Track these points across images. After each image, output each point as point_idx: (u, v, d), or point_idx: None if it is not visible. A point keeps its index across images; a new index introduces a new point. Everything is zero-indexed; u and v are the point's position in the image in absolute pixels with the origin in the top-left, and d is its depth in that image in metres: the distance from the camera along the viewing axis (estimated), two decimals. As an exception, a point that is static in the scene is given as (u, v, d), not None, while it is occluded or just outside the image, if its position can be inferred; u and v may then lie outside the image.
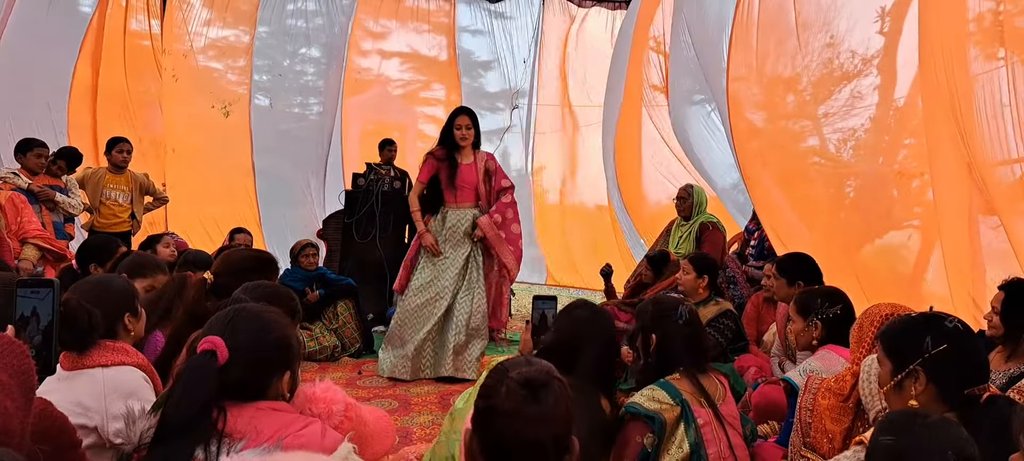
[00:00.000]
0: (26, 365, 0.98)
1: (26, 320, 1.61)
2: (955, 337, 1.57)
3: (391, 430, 1.98)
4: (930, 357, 1.56)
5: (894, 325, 1.72)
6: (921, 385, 1.56)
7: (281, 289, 2.06)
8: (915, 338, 1.59)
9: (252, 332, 1.44)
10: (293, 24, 7.62)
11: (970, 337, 1.61)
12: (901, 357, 1.61)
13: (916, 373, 1.57)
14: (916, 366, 1.57)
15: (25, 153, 4.65)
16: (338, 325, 4.88)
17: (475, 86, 8.44)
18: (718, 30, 4.59)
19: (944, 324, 1.60)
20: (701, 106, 5.60)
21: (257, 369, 1.42)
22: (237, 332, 1.42)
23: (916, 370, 1.57)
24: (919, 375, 1.57)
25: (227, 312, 1.49)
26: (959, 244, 3.20)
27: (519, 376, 1.24)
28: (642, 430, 1.85)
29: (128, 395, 1.72)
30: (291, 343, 1.51)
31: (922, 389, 1.56)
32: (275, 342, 1.47)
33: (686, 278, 3.63)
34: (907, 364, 1.59)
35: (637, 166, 6.77)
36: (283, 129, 7.70)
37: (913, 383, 1.58)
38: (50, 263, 4.15)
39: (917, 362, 1.57)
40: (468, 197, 4.31)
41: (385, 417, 1.99)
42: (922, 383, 1.56)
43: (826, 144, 4.03)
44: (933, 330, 1.59)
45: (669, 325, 2.05)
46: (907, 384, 1.59)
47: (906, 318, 1.73)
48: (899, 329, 1.68)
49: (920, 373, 1.57)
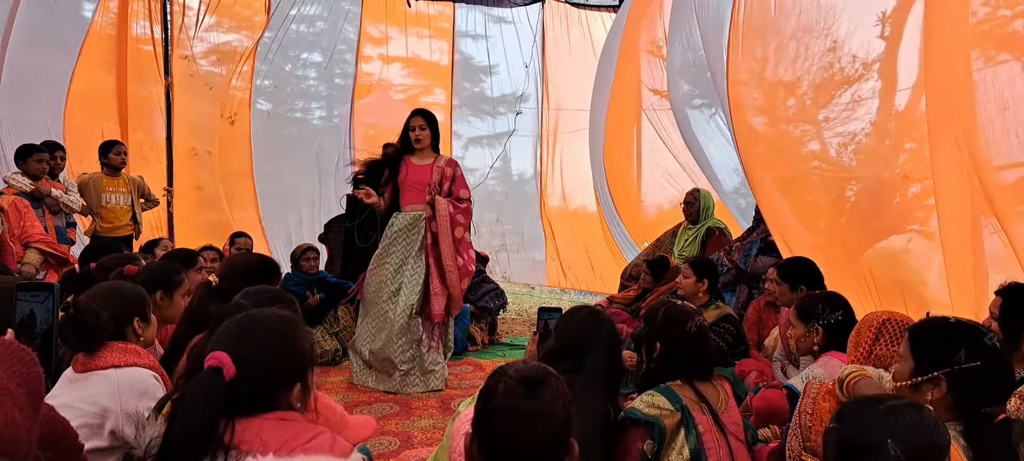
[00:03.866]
0: (35, 373, 0.98)
1: (26, 324, 1.62)
2: (990, 356, 1.53)
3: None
4: (959, 370, 1.51)
5: (928, 326, 1.67)
6: (940, 393, 1.53)
7: (283, 294, 2.07)
8: (948, 346, 1.55)
9: (263, 346, 1.41)
10: (296, 29, 7.65)
11: (1003, 357, 1.57)
12: (927, 360, 1.57)
13: (938, 381, 1.53)
14: (940, 373, 1.53)
15: (26, 159, 4.67)
16: (339, 329, 4.89)
17: (477, 91, 8.45)
18: (718, 32, 4.60)
19: (982, 340, 1.55)
20: (700, 111, 5.60)
21: (267, 382, 1.39)
22: (248, 345, 1.39)
23: (939, 377, 1.53)
24: (941, 383, 1.53)
25: (238, 322, 1.45)
26: (961, 249, 3.20)
27: (517, 374, 1.26)
28: (642, 436, 1.84)
29: (142, 394, 1.74)
30: (303, 355, 1.47)
31: (940, 396, 1.53)
32: (287, 355, 1.43)
33: (686, 282, 3.64)
34: (931, 369, 1.54)
35: (630, 170, 6.77)
36: (285, 134, 7.73)
37: (932, 389, 1.54)
38: (53, 267, 4.16)
39: (944, 370, 1.52)
40: (418, 198, 4.08)
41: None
42: (941, 391, 1.53)
43: (827, 148, 4.02)
44: (969, 343, 1.53)
45: (677, 335, 2.04)
46: (925, 388, 1.55)
47: (942, 322, 1.66)
48: (933, 333, 1.63)
49: (942, 382, 1.53)
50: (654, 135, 6.56)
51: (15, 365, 0.94)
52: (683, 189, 5.63)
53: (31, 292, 1.63)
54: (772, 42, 4.21)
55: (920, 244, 3.64)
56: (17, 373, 0.93)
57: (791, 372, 3.05)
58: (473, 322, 5.36)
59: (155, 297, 2.32)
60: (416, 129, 4.11)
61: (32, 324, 1.62)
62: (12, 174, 4.62)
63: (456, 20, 8.22)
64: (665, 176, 6.54)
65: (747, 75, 4.33)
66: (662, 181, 6.56)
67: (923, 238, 3.61)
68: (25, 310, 1.62)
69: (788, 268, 3.31)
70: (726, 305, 3.77)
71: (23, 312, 1.62)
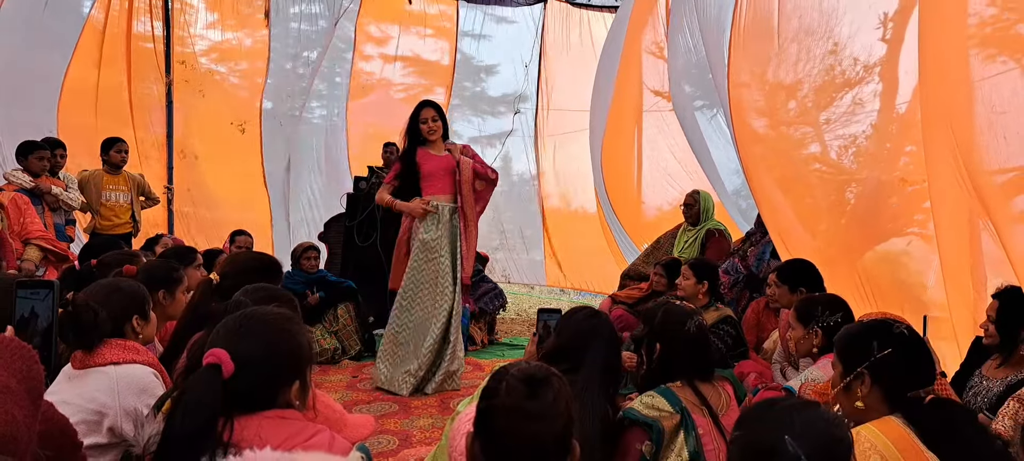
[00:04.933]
0: (35, 370, 0.98)
1: (26, 321, 1.62)
2: (900, 342, 1.63)
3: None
4: (875, 361, 1.62)
5: (846, 331, 1.78)
6: (866, 387, 1.62)
7: (281, 292, 2.06)
8: (863, 343, 1.66)
9: (262, 343, 1.41)
10: (296, 28, 7.65)
11: (916, 343, 1.67)
12: (850, 360, 1.67)
13: (862, 376, 1.63)
14: (862, 369, 1.63)
15: (27, 156, 4.67)
16: (338, 328, 4.89)
17: (477, 90, 8.45)
18: (718, 34, 4.60)
19: (891, 330, 1.66)
20: (702, 112, 5.60)
21: (266, 380, 1.39)
22: (246, 342, 1.40)
23: (862, 372, 1.63)
24: (864, 377, 1.63)
25: (236, 319, 1.46)
26: (958, 252, 3.20)
27: (519, 373, 1.26)
28: (641, 437, 1.84)
29: (141, 391, 1.74)
30: (302, 353, 1.47)
31: (867, 391, 1.62)
32: (285, 352, 1.44)
33: (686, 283, 3.63)
34: (855, 367, 1.65)
35: (631, 171, 6.76)
36: (286, 133, 7.73)
37: (859, 385, 1.64)
38: (52, 264, 4.17)
39: (863, 365, 1.63)
40: (442, 188, 4.09)
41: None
42: (867, 385, 1.62)
43: (827, 151, 4.02)
44: (880, 335, 1.65)
45: (676, 335, 2.04)
46: (854, 386, 1.65)
47: (858, 324, 1.80)
48: (850, 334, 1.75)
49: (866, 376, 1.62)
50: (655, 136, 6.57)
51: (15, 362, 0.94)
52: (683, 190, 5.62)
53: (31, 289, 1.63)
54: (774, 44, 4.21)
55: (920, 247, 3.64)
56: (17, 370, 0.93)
57: (790, 374, 3.05)
58: (472, 322, 5.36)
59: (157, 296, 2.32)
60: (428, 121, 4.11)
61: (32, 322, 1.62)
62: (13, 171, 4.63)
63: (459, 19, 8.22)
64: (665, 177, 6.54)
65: (748, 77, 4.34)
66: (662, 182, 6.56)
67: (923, 241, 3.62)
68: (26, 308, 1.62)
69: (788, 270, 3.30)
70: (726, 307, 3.77)
71: (23, 310, 1.62)
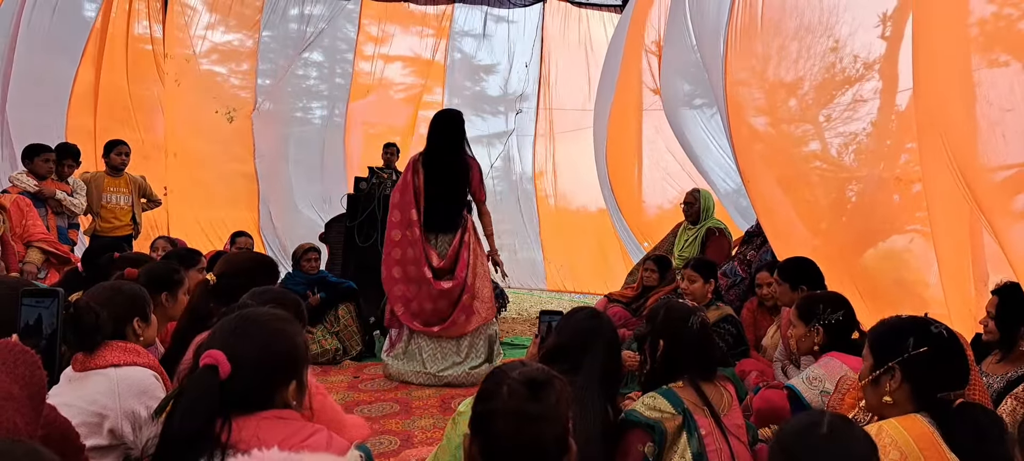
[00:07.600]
0: (37, 375, 0.98)
1: (30, 329, 1.62)
2: (937, 343, 1.62)
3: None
4: (909, 357, 1.61)
5: (881, 324, 1.78)
6: (896, 383, 1.62)
7: (289, 295, 2.07)
8: (899, 338, 1.65)
9: (257, 343, 1.42)
10: (296, 28, 7.65)
11: (954, 346, 1.65)
12: (882, 354, 1.67)
13: (893, 371, 1.63)
14: (894, 363, 1.63)
15: (33, 158, 4.68)
16: (339, 328, 4.89)
17: (477, 90, 8.45)
18: (715, 33, 4.60)
19: (929, 329, 1.65)
20: (701, 110, 5.60)
21: (262, 380, 1.40)
22: (242, 343, 1.40)
23: (893, 367, 1.63)
24: (896, 373, 1.62)
25: (232, 320, 1.47)
26: (958, 249, 3.20)
27: (520, 376, 1.25)
28: (643, 438, 1.83)
29: (142, 393, 1.75)
30: (297, 353, 1.48)
31: (896, 387, 1.62)
32: (281, 352, 1.45)
33: (694, 287, 3.61)
34: (886, 361, 1.64)
35: (633, 170, 6.77)
36: (285, 133, 7.73)
37: (889, 380, 1.64)
38: (54, 266, 4.17)
39: (896, 360, 1.62)
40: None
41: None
42: (897, 381, 1.62)
43: (828, 148, 4.02)
44: (917, 333, 1.64)
45: (679, 332, 2.03)
46: (883, 380, 1.65)
47: (895, 319, 1.79)
48: (886, 328, 1.74)
49: (897, 371, 1.62)
50: (655, 135, 6.56)
51: (18, 368, 0.94)
52: (683, 189, 5.63)
53: (36, 298, 1.63)
54: (774, 42, 4.21)
55: (921, 244, 3.64)
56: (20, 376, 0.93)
57: (791, 372, 3.06)
58: (473, 322, 5.35)
59: (160, 298, 2.33)
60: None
61: (37, 329, 1.62)
62: (17, 173, 4.64)
63: (455, 19, 8.22)
64: (665, 176, 6.54)
65: (747, 75, 4.33)
66: (662, 181, 6.56)
67: (924, 238, 3.61)
68: (31, 315, 1.62)
69: (789, 268, 3.30)
70: (726, 306, 3.77)
71: (28, 317, 1.61)
